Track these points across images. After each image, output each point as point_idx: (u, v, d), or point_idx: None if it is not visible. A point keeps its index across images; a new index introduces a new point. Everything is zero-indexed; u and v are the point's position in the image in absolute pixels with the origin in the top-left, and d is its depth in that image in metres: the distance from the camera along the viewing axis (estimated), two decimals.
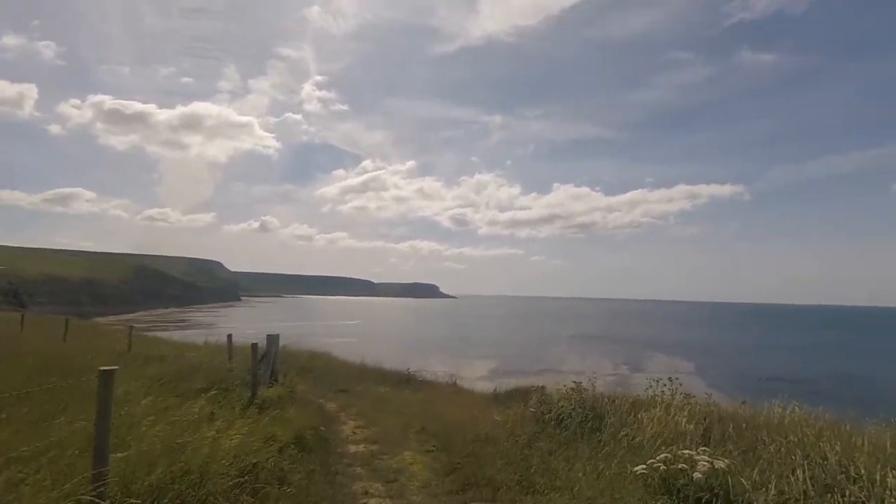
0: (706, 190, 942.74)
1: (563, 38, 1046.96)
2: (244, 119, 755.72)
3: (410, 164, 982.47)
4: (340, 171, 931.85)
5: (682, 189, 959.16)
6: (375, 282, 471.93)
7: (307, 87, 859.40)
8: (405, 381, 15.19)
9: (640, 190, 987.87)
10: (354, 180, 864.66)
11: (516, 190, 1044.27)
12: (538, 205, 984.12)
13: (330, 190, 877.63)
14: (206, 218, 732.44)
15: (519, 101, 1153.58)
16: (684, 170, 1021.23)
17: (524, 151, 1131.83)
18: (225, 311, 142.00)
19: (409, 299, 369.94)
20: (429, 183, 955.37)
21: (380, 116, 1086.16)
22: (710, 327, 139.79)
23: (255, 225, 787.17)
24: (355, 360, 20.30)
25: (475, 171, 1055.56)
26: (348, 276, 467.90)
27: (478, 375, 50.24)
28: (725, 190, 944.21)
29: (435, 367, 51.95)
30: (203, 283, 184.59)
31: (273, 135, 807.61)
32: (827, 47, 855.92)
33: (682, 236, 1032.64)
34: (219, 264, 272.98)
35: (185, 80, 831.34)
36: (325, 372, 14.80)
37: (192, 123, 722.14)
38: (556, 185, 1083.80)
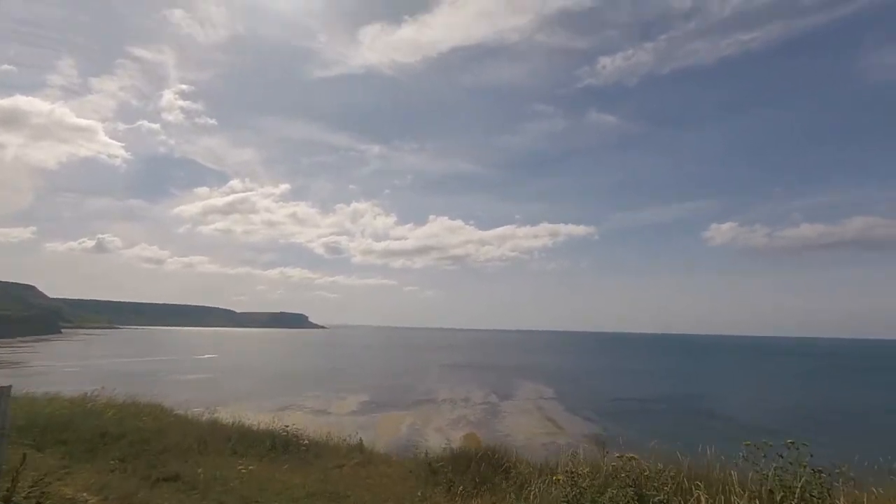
0: (564, 229, 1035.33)
1: (439, 79, 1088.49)
2: (84, 122, 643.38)
3: (284, 187, 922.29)
4: (203, 190, 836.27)
5: (545, 227, 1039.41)
6: (237, 311, 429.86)
7: (168, 95, 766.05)
8: (283, 446, 9.69)
9: (509, 226, 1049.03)
10: (219, 200, 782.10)
11: (392, 220, 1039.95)
12: (414, 235, 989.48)
13: (189, 209, 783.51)
14: (22, 233, 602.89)
15: (396, 133, 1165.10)
16: (547, 209, 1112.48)
17: (401, 182, 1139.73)
18: (38, 346, 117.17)
19: (274, 329, 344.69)
20: (303, 208, 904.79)
21: (250, 134, 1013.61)
22: (569, 354, 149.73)
23: (90, 244, 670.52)
24: (200, 408, 14.23)
25: (351, 198, 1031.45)
26: (206, 304, 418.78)
27: (350, 410, 44.85)
28: (580, 230, 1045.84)
29: (304, 404, 45.55)
30: (9, 312, 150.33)
31: (121, 143, 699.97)
32: (652, 116, 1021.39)
33: (544, 270, 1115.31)
34: (32, 289, 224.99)
35: (6, 67, 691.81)
36: (145, 440, 8.89)
37: (9, 119, 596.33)
38: (431, 216, 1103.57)
